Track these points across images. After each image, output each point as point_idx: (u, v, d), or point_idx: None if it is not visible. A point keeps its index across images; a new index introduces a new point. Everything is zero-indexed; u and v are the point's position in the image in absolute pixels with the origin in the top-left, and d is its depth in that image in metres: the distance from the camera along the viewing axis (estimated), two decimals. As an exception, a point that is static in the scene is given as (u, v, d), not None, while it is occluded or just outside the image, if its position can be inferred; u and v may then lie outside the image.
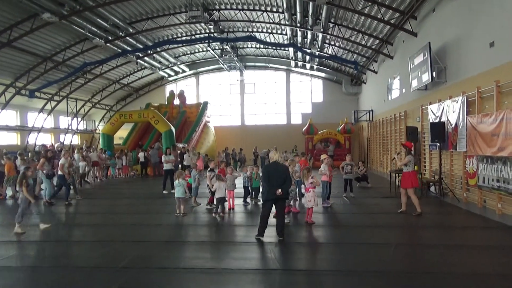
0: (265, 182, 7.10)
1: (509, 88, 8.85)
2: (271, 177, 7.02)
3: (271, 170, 7.16)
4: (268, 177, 7.05)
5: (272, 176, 7.03)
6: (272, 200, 7.07)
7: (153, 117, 22.33)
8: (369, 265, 5.84)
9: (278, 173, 7.08)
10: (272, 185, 6.96)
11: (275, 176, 7.02)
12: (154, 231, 8.31)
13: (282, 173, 7.13)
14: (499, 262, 5.91)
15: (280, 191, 6.91)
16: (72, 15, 17.69)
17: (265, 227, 7.19)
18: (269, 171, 7.14)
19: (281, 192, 6.92)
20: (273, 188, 6.94)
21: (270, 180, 7.01)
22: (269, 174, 7.07)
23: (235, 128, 33.38)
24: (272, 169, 7.21)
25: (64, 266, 6.06)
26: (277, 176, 7.03)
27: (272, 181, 6.98)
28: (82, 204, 12.18)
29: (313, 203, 8.62)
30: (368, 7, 16.82)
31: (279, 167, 7.32)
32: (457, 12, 11.96)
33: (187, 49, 29.53)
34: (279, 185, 6.94)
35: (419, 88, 14.67)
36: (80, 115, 31.28)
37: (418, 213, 9.34)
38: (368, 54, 23.35)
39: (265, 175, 7.14)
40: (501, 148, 8.92)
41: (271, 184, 6.98)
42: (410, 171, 9.59)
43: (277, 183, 6.95)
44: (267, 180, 7.06)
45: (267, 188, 7.05)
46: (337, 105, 31.26)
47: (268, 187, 7.03)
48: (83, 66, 22.74)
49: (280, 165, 7.50)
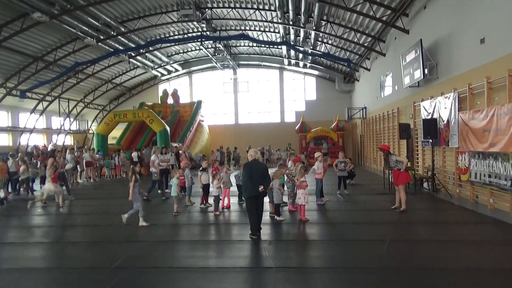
0: (248, 180, 7.21)
1: (500, 84, 8.93)
2: (253, 175, 7.16)
3: (253, 168, 7.28)
4: (250, 174, 7.17)
5: (254, 173, 7.17)
6: (255, 197, 7.20)
7: (147, 117, 22.22)
8: (363, 261, 5.87)
9: (259, 171, 7.26)
10: (254, 182, 7.11)
11: (257, 174, 7.18)
12: (148, 230, 8.28)
13: (262, 171, 7.33)
14: (491, 256, 5.97)
15: (262, 187, 7.09)
16: (63, 14, 17.53)
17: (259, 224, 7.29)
18: (251, 169, 7.25)
19: (263, 188, 7.12)
20: (256, 185, 7.10)
21: (252, 178, 7.13)
22: (251, 172, 7.19)
23: (229, 127, 33.34)
24: (253, 166, 7.33)
25: (57, 267, 6.03)
26: (258, 173, 7.20)
27: (254, 178, 7.13)
28: (75, 204, 12.09)
29: (303, 201, 8.64)
30: (360, 4, 16.86)
31: (259, 165, 7.51)
32: (448, 8, 12.03)
33: (179, 48, 29.41)
34: (260, 182, 7.12)
35: (411, 85, 14.76)
36: (73, 115, 31.03)
37: (403, 209, 9.42)
38: (361, 51, 23.42)
39: (247, 173, 7.24)
40: (492, 143, 9.01)
41: (253, 181, 7.11)
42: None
43: (259, 180, 7.13)
44: (249, 177, 7.17)
45: (250, 185, 7.16)
46: (331, 102, 31.34)
47: (250, 184, 7.15)
48: (74, 66, 22.54)
49: (259, 163, 7.69)
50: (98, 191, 15.64)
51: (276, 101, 33.54)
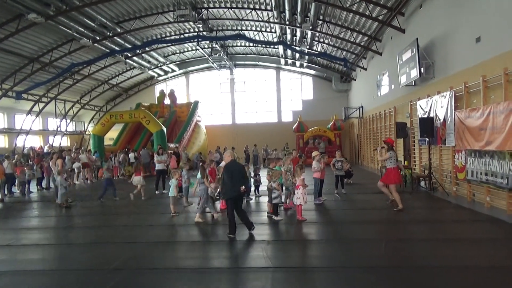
0: (229, 180, 7.29)
1: (496, 82, 8.97)
2: (234, 175, 7.27)
3: (234, 169, 7.39)
4: (231, 175, 7.27)
5: (234, 174, 7.29)
6: (235, 197, 7.32)
7: (144, 117, 22.17)
8: (360, 260, 5.87)
9: (238, 171, 7.38)
10: (235, 183, 7.20)
11: (237, 174, 7.30)
12: (145, 231, 8.27)
13: (241, 171, 7.46)
14: (488, 254, 5.99)
15: (243, 187, 7.22)
16: (59, 15, 17.48)
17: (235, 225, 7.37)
18: (232, 170, 7.35)
19: (244, 189, 7.23)
20: (237, 185, 7.18)
21: (233, 178, 7.23)
22: (232, 173, 7.29)
23: (226, 127, 33.32)
24: (233, 167, 7.44)
25: (54, 269, 6.00)
26: (238, 174, 7.32)
27: (235, 179, 7.24)
28: (73, 206, 12.03)
29: (301, 200, 8.64)
30: (356, 4, 16.89)
31: (238, 166, 7.63)
32: (444, 7, 12.07)
33: (176, 48, 29.38)
34: (240, 183, 7.21)
35: (407, 84, 14.79)
36: (69, 117, 30.93)
37: (400, 208, 9.45)
38: (357, 51, 23.46)
39: (228, 174, 7.32)
40: (489, 142, 9.04)
41: (234, 182, 7.21)
42: (393, 167, 9.72)
43: (239, 181, 7.23)
44: (230, 178, 7.26)
45: (230, 185, 7.25)
46: (327, 102, 31.38)
47: (231, 184, 7.25)
48: (71, 67, 22.47)
49: (238, 163, 7.78)
50: (95, 192, 15.57)
51: (273, 101, 33.56)
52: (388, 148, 9.99)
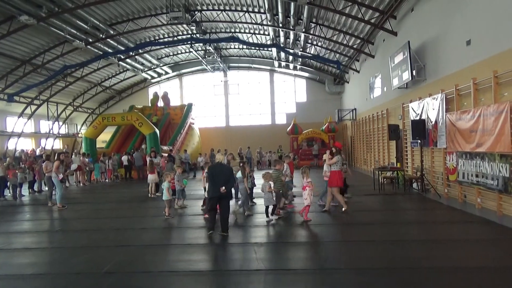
0: (210, 182, 7.67)
1: (486, 85, 9.07)
2: (215, 177, 7.57)
3: (215, 171, 7.71)
4: (212, 177, 7.60)
5: (216, 176, 7.59)
6: (217, 197, 7.60)
7: (136, 120, 22.07)
8: (352, 262, 5.90)
9: (222, 173, 7.64)
10: (216, 184, 7.51)
11: (219, 176, 7.57)
12: (138, 235, 8.23)
13: (226, 173, 7.69)
14: (479, 255, 6.06)
15: (223, 188, 7.45)
16: (51, 17, 17.38)
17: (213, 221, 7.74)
18: (213, 172, 7.70)
19: (224, 190, 7.45)
20: (217, 187, 7.47)
21: (214, 180, 7.56)
22: (213, 174, 7.63)
23: (220, 129, 33.30)
24: (216, 169, 7.77)
25: (45, 273, 5.95)
26: (221, 176, 7.59)
27: (216, 180, 7.53)
28: (65, 209, 11.94)
29: (309, 201, 8.85)
30: (348, 7, 17.01)
31: (223, 168, 7.86)
32: (435, 11, 12.19)
33: (169, 50, 29.32)
34: (223, 184, 7.48)
35: (399, 86, 14.91)
36: (62, 119, 30.71)
37: (345, 209, 9.67)
38: (350, 53, 23.60)
39: (210, 175, 7.70)
40: (479, 144, 9.14)
41: (215, 183, 7.53)
42: (337, 170, 9.87)
43: (221, 182, 7.49)
44: (211, 179, 7.62)
45: (211, 186, 7.64)
46: (321, 104, 31.51)
47: (212, 185, 7.60)
48: (63, 69, 22.31)
49: (224, 166, 8.04)
50: (87, 195, 15.50)
51: (267, 103, 33.61)
52: (336, 152, 10.12)
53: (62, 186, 12.01)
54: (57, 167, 11.99)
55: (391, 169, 14.20)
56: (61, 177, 11.97)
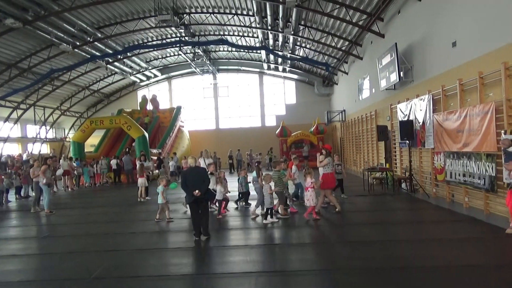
0: (183, 187, 7.61)
1: (472, 86, 9.22)
2: (188, 181, 7.52)
3: (188, 175, 7.68)
4: (185, 182, 7.57)
5: (188, 180, 7.54)
6: (194, 202, 7.51)
7: (125, 123, 21.89)
8: (343, 263, 5.93)
9: (195, 176, 7.57)
10: (189, 189, 7.45)
11: (192, 180, 7.51)
12: (128, 239, 8.14)
13: (200, 176, 7.61)
14: (467, 253, 6.13)
15: (197, 191, 7.35)
16: (37, 21, 17.16)
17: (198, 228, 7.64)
18: (186, 177, 7.67)
19: (198, 192, 7.35)
20: (191, 192, 7.41)
21: (187, 184, 7.51)
22: (186, 179, 7.59)
23: (210, 132, 33.22)
24: (188, 174, 7.73)
25: (33, 280, 5.85)
26: (195, 179, 7.52)
27: (190, 184, 7.47)
28: (53, 214, 11.77)
29: (311, 202, 9.00)
30: (336, 9, 17.14)
31: (196, 171, 7.79)
32: (421, 13, 12.35)
33: (158, 53, 29.18)
34: (197, 187, 7.39)
35: (387, 87, 15.05)
36: (49, 123, 30.33)
37: (338, 210, 9.80)
38: (339, 55, 23.77)
39: (182, 181, 7.69)
40: (466, 143, 9.27)
41: (188, 188, 7.47)
42: (329, 172, 10.00)
43: (195, 186, 7.40)
44: (184, 185, 7.57)
45: (186, 191, 7.60)
46: (310, 106, 31.66)
47: (186, 191, 7.57)
48: (50, 73, 22.05)
49: (197, 169, 7.95)
50: (75, 200, 15.31)
51: (257, 106, 33.66)
52: (326, 154, 10.20)
53: (50, 191, 11.81)
54: (44, 172, 11.82)
55: (380, 170, 14.31)
56: (45, 181, 11.77)
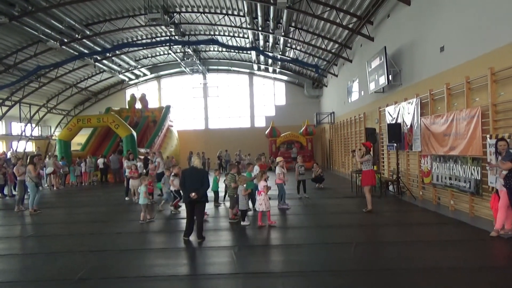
0: (181, 187, 7.52)
1: (458, 90, 9.35)
2: (186, 182, 7.34)
3: (187, 175, 7.48)
4: (184, 182, 7.40)
5: (187, 180, 7.35)
6: (190, 203, 7.34)
7: (113, 122, 21.62)
8: (329, 264, 5.94)
9: (194, 178, 7.36)
10: (187, 189, 7.30)
11: (191, 181, 7.32)
12: (114, 239, 8.04)
13: (199, 177, 7.39)
14: (452, 256, 6.19)
15: (193, 194, 7.16)
16: (24, 16, 16.87)
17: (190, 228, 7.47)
18: (185, 176, 7.47)
19: (194, 195, 7.16)
20: (187, 192, 7.27)
21: (185, 185, 7.35)
22: (184, 179, 7.41)
23: (199, 132, 33.09)
24: (187, 174, 7.52)
25: (17, 280, 5.73)
26: (193, 180, 7.32)
27: (188, 185, 7.30)
28: (38, 213, 11.56)
29: (264, 207, 8.61)
30: (327, 12, 17.24)
31: (196, 172, 7.55)
32: (410, 17, 12.49)
33: (147, 52, 28.95)
34: (195, 189, 7.20)
35: (376, 90, 15.19)
36: (35, 121, 29.83)
37: (369, 210, 9.82)
38: (329, 57, 23.91)
39: (181, 180, 7.54)
40: (452, 147, 9.40)
41: (186, 188, 7.33)
42: (369, 169, 9.99)
43: (193, 187, 7.22)
44: (182, 184, 7.43)
45: (184, 191, 7.48)
46: (300, 107, 31.76)
47: (184, 190, 7.43)
48: (36, 70, 21.68)
49: (197, 169, 7.67)
50: (61, 199, 15.07)
51: (246, 106, 33.64)
52: (367, 151, 10.27)
53: (36, 190, 11.61)
54: (33, 170, 11.60)
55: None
56: (34, 179, 11.56)
